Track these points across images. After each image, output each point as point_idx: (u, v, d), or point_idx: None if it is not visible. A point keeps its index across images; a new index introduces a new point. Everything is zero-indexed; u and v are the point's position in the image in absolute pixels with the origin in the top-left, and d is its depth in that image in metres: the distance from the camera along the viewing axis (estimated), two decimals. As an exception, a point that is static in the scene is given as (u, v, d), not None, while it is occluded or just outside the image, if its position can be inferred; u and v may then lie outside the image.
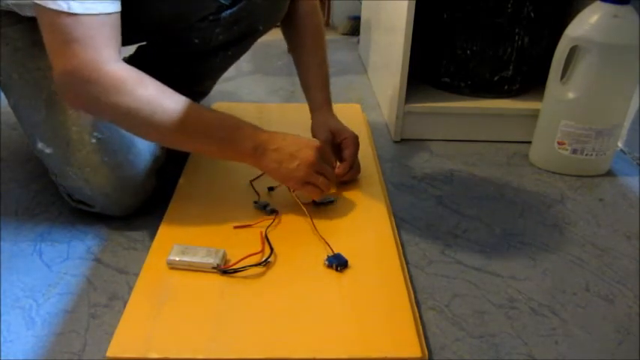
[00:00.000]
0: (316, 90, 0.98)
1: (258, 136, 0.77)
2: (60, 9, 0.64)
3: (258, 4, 0.94)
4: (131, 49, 1.10)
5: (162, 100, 0.71)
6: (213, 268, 0.70)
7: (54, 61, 0.68)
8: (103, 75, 0.67)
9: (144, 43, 1.08)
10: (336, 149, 0.93)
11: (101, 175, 0.81)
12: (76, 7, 0.65)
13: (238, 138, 0.76)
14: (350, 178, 0.93)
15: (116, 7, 0.69)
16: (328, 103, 0.98)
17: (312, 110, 0.98)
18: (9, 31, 0.83)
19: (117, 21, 0.70)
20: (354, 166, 0.93)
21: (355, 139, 0.93)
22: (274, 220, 0.81)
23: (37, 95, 0.82)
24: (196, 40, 0.96)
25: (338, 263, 0.71)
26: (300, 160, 0.77)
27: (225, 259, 0.72)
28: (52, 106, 0.81)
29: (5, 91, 0.86)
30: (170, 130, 0.72)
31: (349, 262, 0.72)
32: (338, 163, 0.92)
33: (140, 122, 0.71)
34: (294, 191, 0.84)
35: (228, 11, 0.93)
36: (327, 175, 0.81)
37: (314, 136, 0.94)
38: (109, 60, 0.68)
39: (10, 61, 0.84)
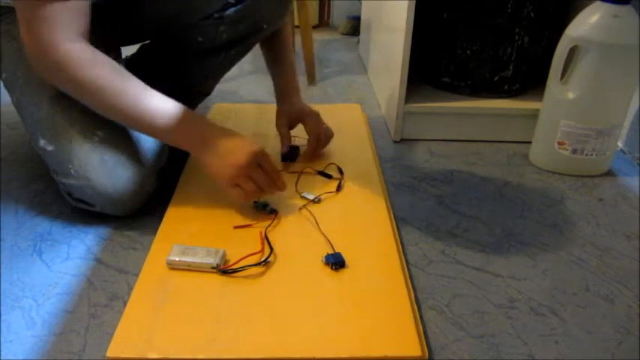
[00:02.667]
0: (275, 80, 1.01)
1: (200, 129, 0.78)
2: None
3: (263, 3, 0.94)
4: (133, 49, 1.10)
5: (109, 80, 0.73)
6: (213, 268, 0.70)
7: (22, 36, 0.72)
8: (55, 52, 0.71)
9: (147, 42, 1.08)
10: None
11: (102, 174, 0.81)
12: None
13: (179, 129, 0.77)
14: (317, 152, 0.98)
15: None
16: (290, 90, 0.98)
17: (276, 102, 1.01)
18: (12, 28, 0.83)
19: (83, 6, 0.72)
20: (321, 138, 0.97)
21: (312, 114, 0.95)
22: (274, 220, 0.82)
23: (39, 92, 0.82)
24: (200, 39, 0.96)
25: (335, 262, 0.72)
26: (230, 160, 0.76)
27: (224, 259, 0.72)
28: (54, 103, 0.81)
29: (8, 88, 0.86)
30: (115, 111, 0.75)
31: (349, 262, 0.72)
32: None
33: (89, 99, 0.76)
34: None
35: (233, 9, 0.93)
36: (259, 182, 0.79)
37: (277, 129, 0.96)
38: (66, 39, 0.71)
39: (14, 59, 0.84)
